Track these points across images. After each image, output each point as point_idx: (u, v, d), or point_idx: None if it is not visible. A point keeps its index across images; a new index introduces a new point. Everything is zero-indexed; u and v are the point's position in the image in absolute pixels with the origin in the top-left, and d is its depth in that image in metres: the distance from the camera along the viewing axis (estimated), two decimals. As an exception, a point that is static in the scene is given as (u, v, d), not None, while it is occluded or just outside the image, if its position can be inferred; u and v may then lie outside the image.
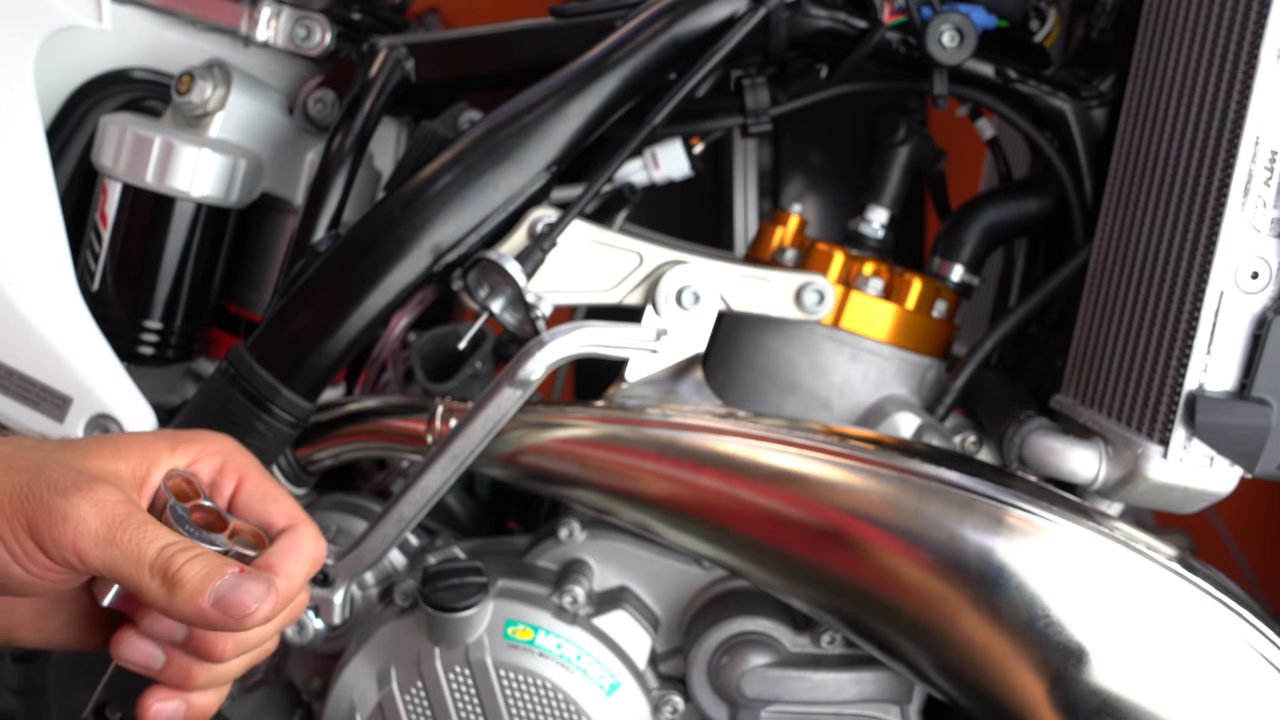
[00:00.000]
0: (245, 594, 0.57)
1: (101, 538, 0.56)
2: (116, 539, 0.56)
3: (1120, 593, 0.82)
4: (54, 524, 0.56)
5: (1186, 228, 0.83)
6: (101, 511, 0.56)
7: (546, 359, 0.85)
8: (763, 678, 0.92)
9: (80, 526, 0.56)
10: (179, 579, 0.56)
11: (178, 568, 0.56)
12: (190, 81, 0.97)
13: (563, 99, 0.90)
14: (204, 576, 0.56)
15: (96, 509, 0.56)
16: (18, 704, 1.08)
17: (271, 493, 0.66)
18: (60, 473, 0.57)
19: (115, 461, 0.61)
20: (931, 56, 0.91)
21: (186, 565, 0.56)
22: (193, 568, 0.56)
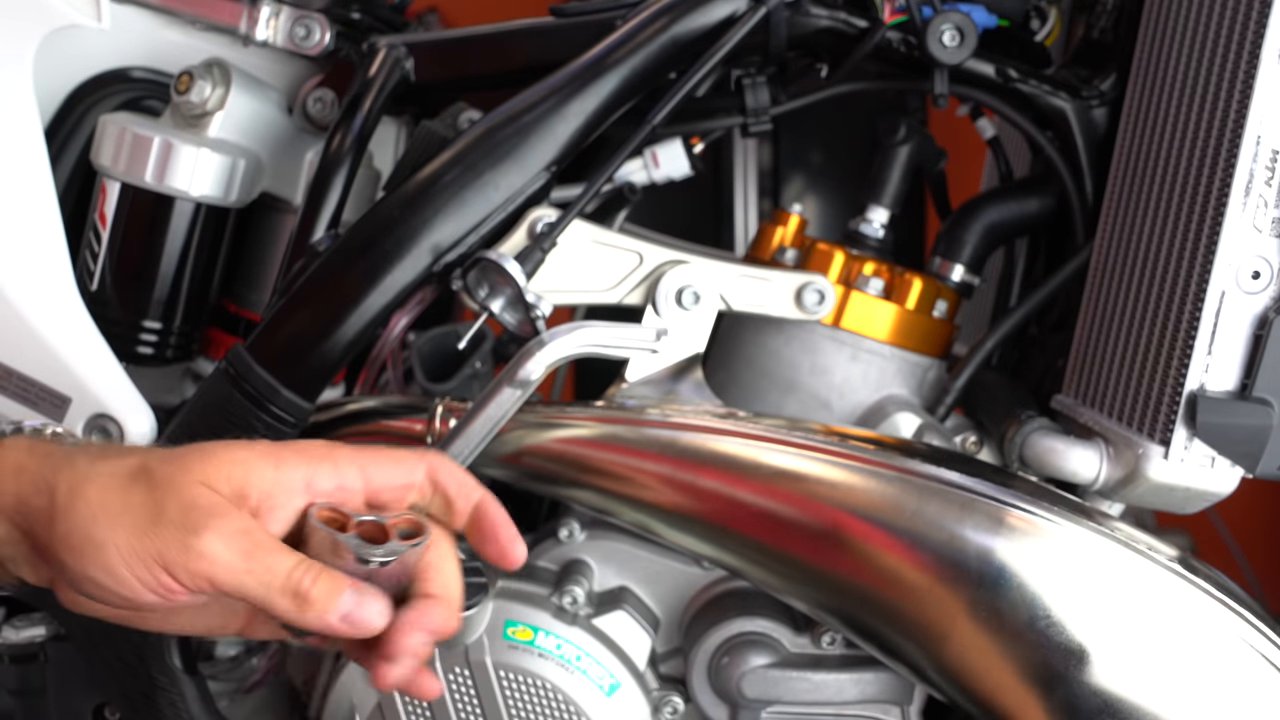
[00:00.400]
0: (367, 611, 0.63)
1: (235, 568, 0.61)
2: (249, 568, 0.61)
3: (1121, 593, 0.82)
4: (189, 560, 0.61)
5: (1187, 227, 0.83)
6: (232, 544, 0.61)
7: (546, 359, 0.85)
8: (763, 678, 0.92)
9: (215, 560, 0.61)
10: (308, 599, 0.62)
11: (306, 589, 0.61)
12: (189, 81, 0.97)
13: (562, 98, 0.90)
14: (328, 596, 0.62)
15: (227, 542, 0.61)
16: (16, 705, 1.07)
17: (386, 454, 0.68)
18: (182, 511, 0.61)
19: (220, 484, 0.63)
20: (932, 56, 0.91)
21: (313, 587, 0.62)
22: (318, 588, 0.62)
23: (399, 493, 0.69)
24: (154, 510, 0.61)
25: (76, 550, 0.62)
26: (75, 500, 0.62)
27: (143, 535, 0.61)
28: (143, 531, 0.61)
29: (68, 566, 0.63)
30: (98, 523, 0.62)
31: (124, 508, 0.62)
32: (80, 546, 0.62)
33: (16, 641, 1.01)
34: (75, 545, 0.62)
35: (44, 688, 1.06)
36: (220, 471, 0.63)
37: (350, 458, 0.67)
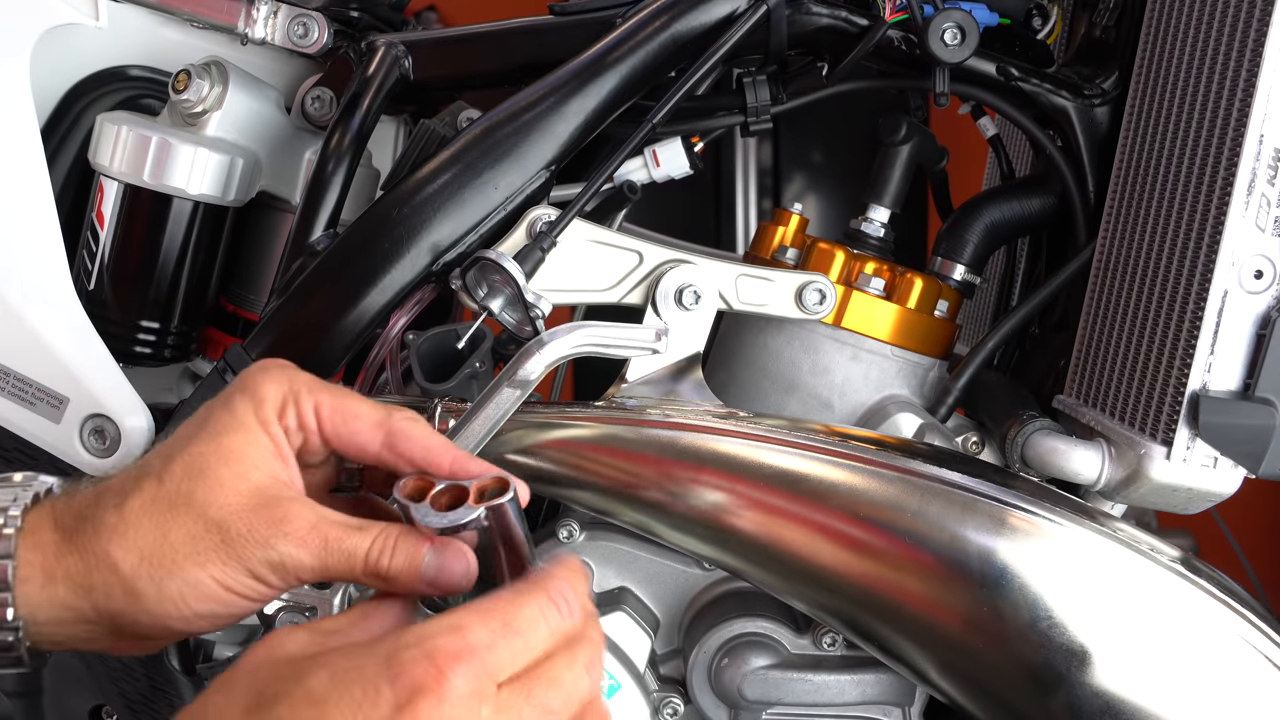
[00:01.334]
0: (449, 573, 0.65)
1: (316, 566, 0.65)
2: (328, 562, 0.64)
3: (1123, 594, 0.81)
4: (274, 569, 0.64)
5: (1190, 227, 0.83)
6: (306, 544, 0.64)
7: (546, 359, 0.85)
8: (763, 679, 0.91)
9: (299, 563, 0.64)
10: (390, 575, 0.64)
11: (385, 567, 0.65)
12: (187, 79, 0.97)
13: (562, 97, 0.89)
14: (409, 566, 0.65)
15: (300, 544, 0.64)
16: (15, 706, 1.07)
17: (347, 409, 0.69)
18: (249, 523, 0.64)
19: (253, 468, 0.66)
20: (933, 54, 0.90)
21: (392, 563, 0.65)
22: (397, 561, 0.65)
23: (353, 452, 0.70)
24: (221, 534, 0.64)
25: (174, 600, 0.64)
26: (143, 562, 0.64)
27: (227, 563, 0.64)
28: (224, 559, 0.64)
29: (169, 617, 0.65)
30: (182, 568, 0.64)
31: (192, 545, 0.64)
32: (177, 596, 0.64)
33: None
34: (171, 596, 0.64)
35: (42, 689, 1.06)
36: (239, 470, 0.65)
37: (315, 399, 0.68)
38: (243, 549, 0.64)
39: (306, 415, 0.68)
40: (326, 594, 0.89)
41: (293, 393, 0.68)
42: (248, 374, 0.69)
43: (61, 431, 0.94)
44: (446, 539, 0.65)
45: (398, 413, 0.69)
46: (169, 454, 0.66)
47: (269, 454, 0.66)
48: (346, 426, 0.68)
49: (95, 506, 0.65)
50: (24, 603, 0.64)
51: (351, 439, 0.69)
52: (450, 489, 0.67)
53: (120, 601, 0.64)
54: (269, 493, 0.65)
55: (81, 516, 0.65)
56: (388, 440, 0.69)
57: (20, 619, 0.64)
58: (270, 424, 0.67)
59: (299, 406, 0.68)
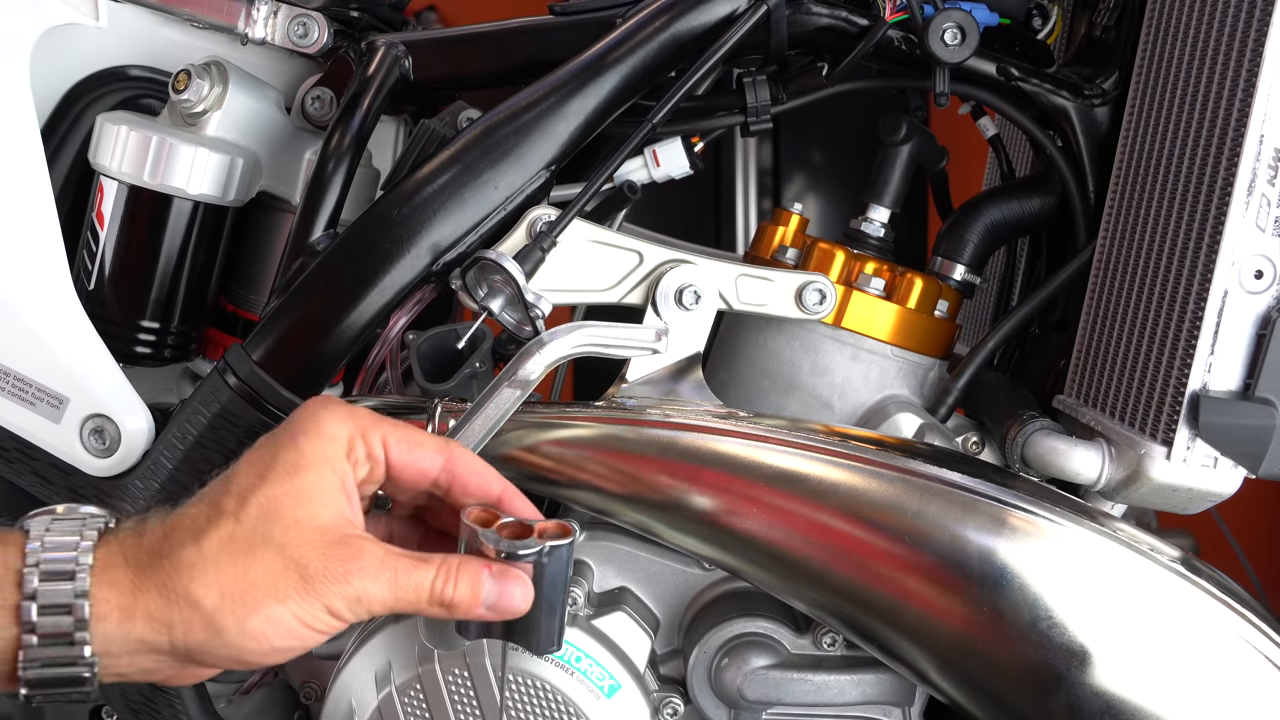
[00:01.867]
0: (509, 595, 0.72)
1: (387, 599, 0.69)
2: (398, 595, 0.70)
3: (1123, 594, 0.81)
4: (349, 603, 0.68)
5: (1190, 227, 0.83)
6: (379, 580, 0.69)
7: (546, 359, 0.85)
8: (764, 679, 0.91)
9: (371, 598, 0.69)
10: (454, 602, 0.71)
11: (450, 596, 0.71)
12: (187, 79, 0.97)
13: (562, 97, 0.89)
14: (471, 594, 0.71)
15: (373, 580, 0.69)
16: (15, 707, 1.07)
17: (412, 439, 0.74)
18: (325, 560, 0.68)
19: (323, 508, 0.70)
20: (933, 54, 0.90)
21: (455, 592, 0.71)
22: (460, 591, 0.71)
23: (415, 478, 0.75)
24: (300, 572, 0.68)
25: (254, 636, 0.67)
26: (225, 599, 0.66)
27: (305, 599, 0.68)
28: (303, 596, 0.67)
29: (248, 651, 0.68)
30: (264, 604, 0.67)
31: (272, 582, 0.67)
32: (259, 632, 0.67)
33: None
34: (253, 632, 0.67)
35: (41, 689, 1.06)
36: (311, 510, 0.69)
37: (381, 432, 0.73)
38: (321, 585, 0.67)
39: (375, 449, 0.73)
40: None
41: (359, 429, 0.72)
42: (310, 414, 0.72)
43: (61, 431, 0.94)
44: (505, 565, 0.72)
45: (453, 442, 0.76)
46: (242, 494, 0.68)
47: (337, 491, 0.70)
48: (411, 454, 0.74)
49: (168, 542, 0.67)
50: (100, 638, 0.66)
51: (417, 465, 0.74)
52: (514, 524, 0.73)
53: (200, 636, 0.67)
54: (339, 531, 0.69)
55: (155, 553, 0.67)
56: (448, 464, 0.74)
57: (95, 655, 0.66)
58: (339, 461, 0.71)
59: (367, 441, 0.72)
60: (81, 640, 0.65)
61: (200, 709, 0.96)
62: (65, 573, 0.65)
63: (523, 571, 0.72)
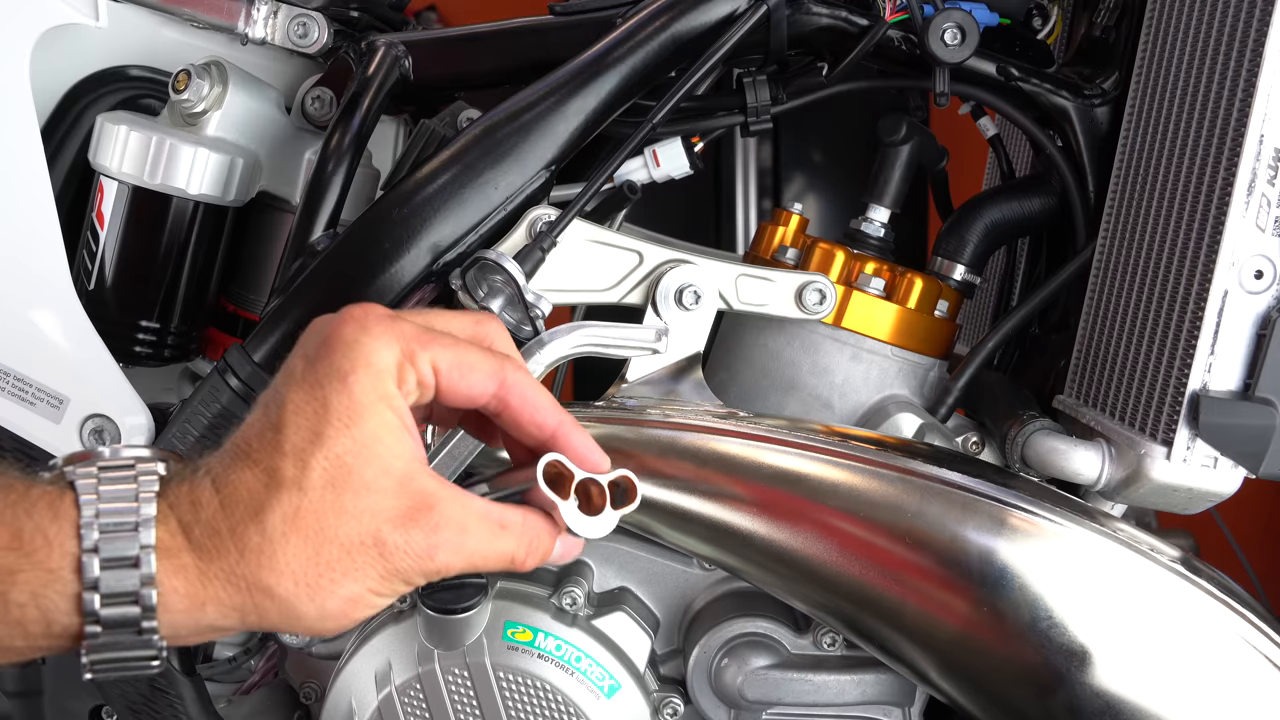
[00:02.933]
0: (568, 555, 0.71)
1: (465, 570, 0.65)
2: (477, 565, 0.66)
3: (1123, 594, 0.81)
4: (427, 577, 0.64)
5: (1190, 227, 0.83)
6: (460, 553, 0.64)
7: (545, 358, 0.85)
8: (763, 679, 0.91)
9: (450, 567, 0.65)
10: (523, 566, 0.68)
11: (522, 562, 0.68)
12: (187, 79, 0.97)
13: (562, 97, 0.89)
14: (542, 559, 0.69)
15: (455, 554, 0.64)
16: (15, 706, 1.07)
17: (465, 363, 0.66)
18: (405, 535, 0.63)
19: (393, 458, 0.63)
20: (933, 54, 0.90)
21: (532, 560, 0.68)
22: (535, 559, 0.68)
23: (464, 402, 0.67)
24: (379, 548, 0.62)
25: (334, 616, 0.63)
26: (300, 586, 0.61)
27: (385, 577, 0.63)
28: (382, 574, 0.63)
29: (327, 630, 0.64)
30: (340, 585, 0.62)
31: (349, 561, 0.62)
32: (338, 613, 0.63)
33: (14, 642, 1.01)
34: (332, 614, 0.62)
35: (42, 689, 1.06)
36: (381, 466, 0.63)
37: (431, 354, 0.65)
38: (401, 561, 0.62)
39: (425, 373, 0.64)
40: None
41: (408, 353, 0.64)
42: (354, 341, 0.63)
43: (61, 431, 0.94)
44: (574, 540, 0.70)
45: (509, 363, 0.67)
46: (300, 456, 0.61)
47: (399, 432, 0.63)
48: (464, 380, 0.65)
49: (228, 519, 0.61)
50: (169, 626, 0.61)
51: (468, 391, 0.66)
52: (584, 482, 0.68)
53: (276, 620, 0.62)
54: (414, 487, 0.63)
55: (215, 531, 0.61)
56: (500, 392, 0.66)
57: (164, 640, 0.61)
58: (394, 397, 0.63)
59: (417, 366, 0.64)
60: (150, 630, 0.60)
61: (200, 709, 0.96)
62: (129, 558, 0.59)
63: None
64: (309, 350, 0.64)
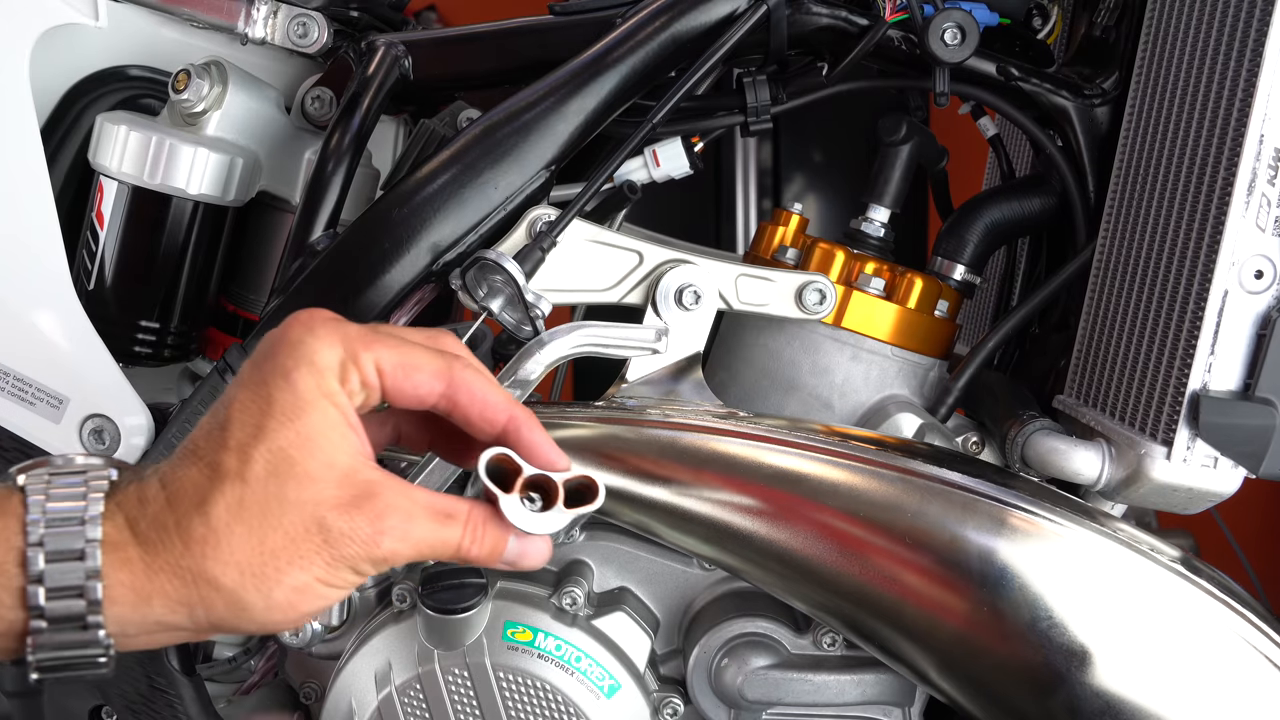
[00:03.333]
0: (529, 557, 0.69)
1: (413, 558, 0.65)
2: (424, 555, 0.66)
3: (1124, 594, 0.81)
4: (375, 564, 0.64)
5: (1190, 227, 0.83)
6: (406, 541, 0.64)
7: (545, 359, 0.85)
8: (764, 679, 0.91)
9: (397, 555, 0.64)
10: (475, 559, 0.67)
11: (474, 555, 0.67)
12: (187, 79, 0.97)
13: (562, 97, 0.89)
14: (492, 554, 0.68)
15: (401, 541, 0.64)
16: (15, 705, 1.07)
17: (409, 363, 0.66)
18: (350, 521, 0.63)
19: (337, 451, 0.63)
20: (933, 54, 0.90)
21: (480, 551, 0.67)
22: (484, 549, 0.67)
23: (412, 403, 0.67)
24: (323, 535, 0.62)
25: (282, 607, 0.62)
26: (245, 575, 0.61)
27: (331, 564, 0.63)
28: (328, 561, 0.62)
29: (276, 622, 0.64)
30: (286, 574, 0.62)
31: (293, 549, 0.62)
32: (285, 604, 0.62)
33: (14, 643, 1.01)
34: (279, 604, 0.62)
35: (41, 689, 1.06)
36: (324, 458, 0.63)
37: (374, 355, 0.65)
38: (346, 548, 0.62)
39: (369, 375, 0.65)
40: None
41: (351, 353, 0.64)
42: (298, 341, 0.64)
43: (61, 431, 0.94)
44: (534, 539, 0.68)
45: (457, 362, 0.67)
46: (243, 449, 0.61)
47: (343, 428, 0.63)
48: (409, 380, 0.65)
49: (173, 513, 0.61)
50: (115, 621, 0.61)
51: (414, 391, 0.66)
52: (535, 480, 0.66)
53: (223, 614, 0.62)
54: (358, 478, 0.63)
55: (161, 525, 0.61)
56: (448, 391, 0.66)
57: (111, 638, 0.61)
58: (336, 395, 0.63)
59: (360, 367, 0.64)
60: (95, 624, 0.60)
61: (200, 709, 0.96)
62: (74, 551, 0.59)
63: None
64: (257, 355, 0.65)
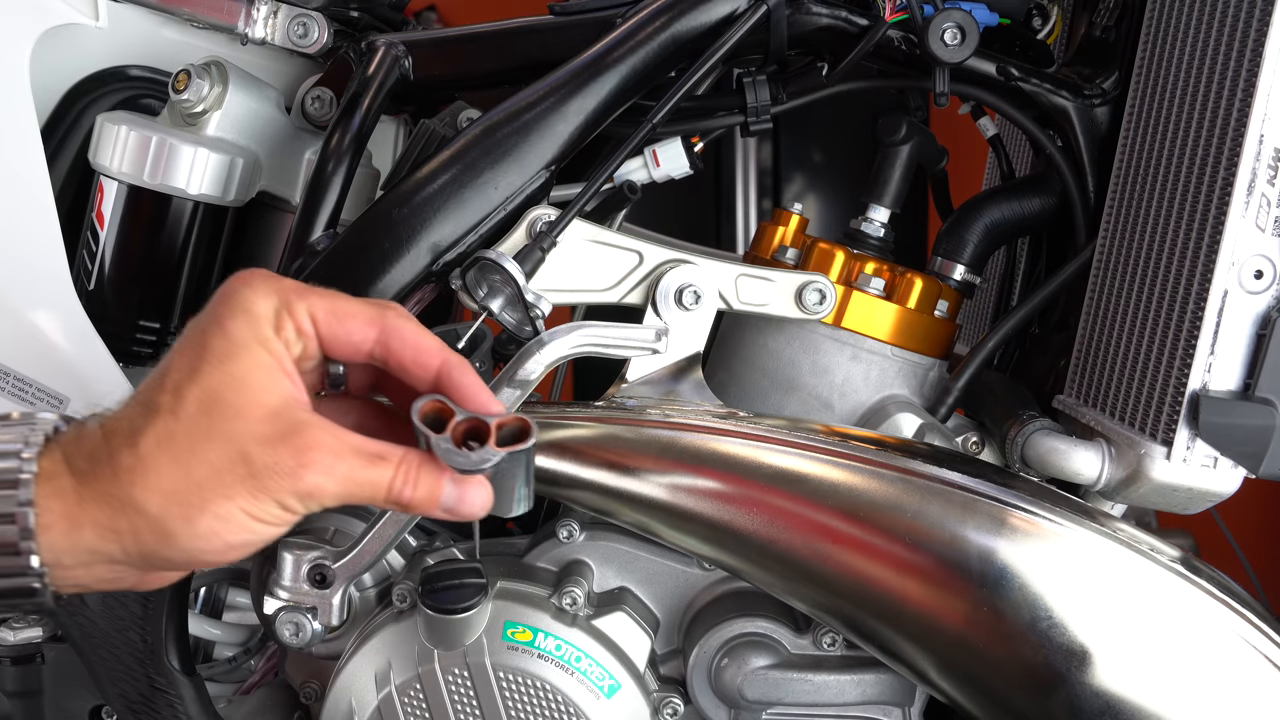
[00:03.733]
0: (468, 502, 0.68)
1: (341, 495, 0.65)
2: (354, 493, 0.66)
3: (1123, 594, 0.81)
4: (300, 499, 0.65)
5: (1190, 227, 0.83)
6: (333, 474, 0.65)
7: (545, 359, 0.85)
8: (763, 679, 0.91)
9: (324, 491, 0.65)
10: (410, 504, 0.67)
11: (408, 498, 0.66)
12: (187, 79, 0.97)
13: (562, 97, 0.89)
14: (429, 498, 0.67)
15: (327, 475, 0.64)
16: (14, 706, 1.07)
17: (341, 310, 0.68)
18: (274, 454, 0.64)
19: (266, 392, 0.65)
20: (933, 54, 0.90)
21: (413, 494, 0.66)
22: (419, 493, 0.67)
23: (349, 352, 0.69)
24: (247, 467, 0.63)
25: (205, 536, 0.64)
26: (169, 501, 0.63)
27: (255, 495, 0.64)
28: (252, 492, 0.64)
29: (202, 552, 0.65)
30: (211, 503, 0.63)
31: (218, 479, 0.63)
32: (209, 532, 0.64)
33: (15, 643, 1.01)
34: (203, 533, 0.64)
35: (42, 689, 1.06)
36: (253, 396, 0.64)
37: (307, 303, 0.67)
38: (270, 480, 0.63)
39: (303, 322, 0.67)
40: (327, 593, 0.89)
41: (285, 303, 0.67)
42: (234, 292, 0.66)
43: (61, 431, 0.94)
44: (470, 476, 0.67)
45: (391, 310, 0.69)
46: (177, 389, 0.64)
47: (276, 372, 0.65)
48: (342, 327, 0.68)
49: (106, 446, 0.64)
50: (48, 549, 0.63)
51: (347, 339, 0.68)
52: (469, 421, 0.67)
53: (150, 542, 0.64)
54: (286, 417, 0.65)
55: (95, 458, 0.64)
56: (381, 337, 0.68)
57: (45, 566, 0.63)
58: (270, 340, 0.66)
59: (294, 315, 0.67)
60: (28, 550, 0.62)
61: (200, 709, 0.96)
62: (8, 480, 0.62)
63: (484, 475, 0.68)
64: (201, 311, 0.67)
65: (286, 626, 0.88)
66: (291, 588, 0.88)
